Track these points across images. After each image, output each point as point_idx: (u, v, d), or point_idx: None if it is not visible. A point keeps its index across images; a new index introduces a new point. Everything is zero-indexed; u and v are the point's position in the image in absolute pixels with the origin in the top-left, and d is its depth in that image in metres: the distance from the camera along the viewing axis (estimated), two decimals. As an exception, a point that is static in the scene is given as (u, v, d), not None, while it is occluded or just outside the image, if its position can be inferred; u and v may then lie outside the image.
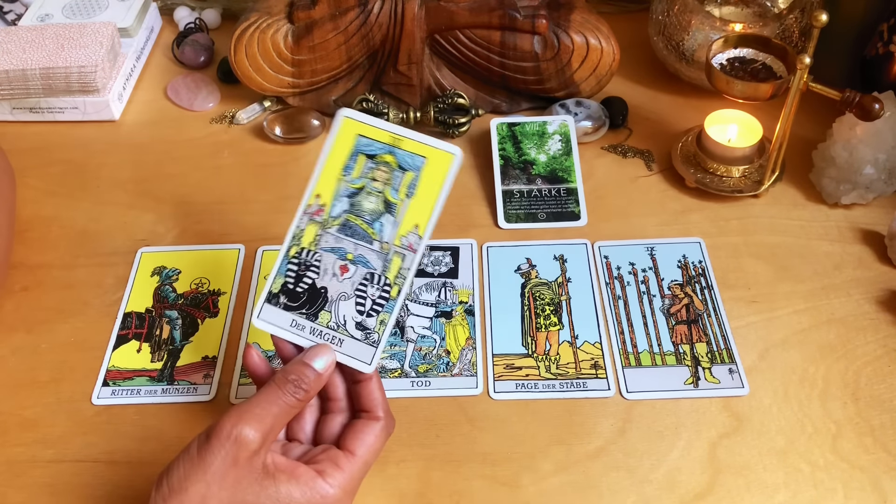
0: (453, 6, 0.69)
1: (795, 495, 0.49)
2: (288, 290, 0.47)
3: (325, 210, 0.47)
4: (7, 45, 0.74)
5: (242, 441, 0.41)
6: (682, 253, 0.63)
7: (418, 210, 0.47)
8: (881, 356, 0.56)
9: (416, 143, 0.47)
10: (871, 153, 0.63)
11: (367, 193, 0.47)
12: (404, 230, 0.47)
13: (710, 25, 0.70)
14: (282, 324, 0.47)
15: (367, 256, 0.47)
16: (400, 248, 0.46)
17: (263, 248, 0.64)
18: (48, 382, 0.56)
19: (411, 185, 0.47)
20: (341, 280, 0.47)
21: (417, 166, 0.47)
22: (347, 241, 0.47)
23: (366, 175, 0.47)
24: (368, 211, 0.47)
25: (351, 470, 0.44)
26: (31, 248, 0.65)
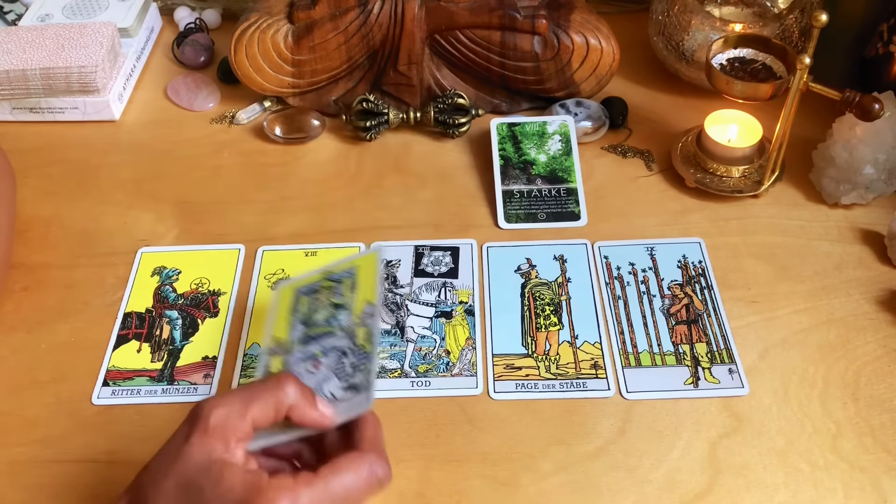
0: (453, 6, 0.69)
1: (795, 495, 0.49)
2: None
3: (285, 342, 0.50)
4: (7, 45, 0.74)
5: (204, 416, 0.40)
6: (681, 253, 0.63)
7: (364, 292, 0.51)
8: (881, 356, 0.56)
9: (342, 265, 0.53)
10: (871, 153, 0.63)
11: (315, 312, 0.51)
12: (357, 310, 0.50)
13: (710, 25, 0.70)
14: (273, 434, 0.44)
15: (334, 344, 0.49)
16: (360, 322, 0.50)
17: (263, 248, 0.64)
18: (48, 382, 0.56)
19: (352, 286, 0.52)
20: (316, 373, 0.48)
21: (351, 274, 0.52)
22: (312, 346, 0.50)
23: (311, 304, 0.52)
24: (322, 320, 0.51)
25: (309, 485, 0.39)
26: (31, 248, 0.65)
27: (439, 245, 0.64)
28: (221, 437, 0.40)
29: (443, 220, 0.66)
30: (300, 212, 0.67)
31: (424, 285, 0.61)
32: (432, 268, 0.62)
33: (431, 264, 0.62)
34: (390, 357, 0.57)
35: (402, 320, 0.59)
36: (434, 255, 0.63)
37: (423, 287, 0.61)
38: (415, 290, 0.61)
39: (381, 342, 0.57)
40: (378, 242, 0.53)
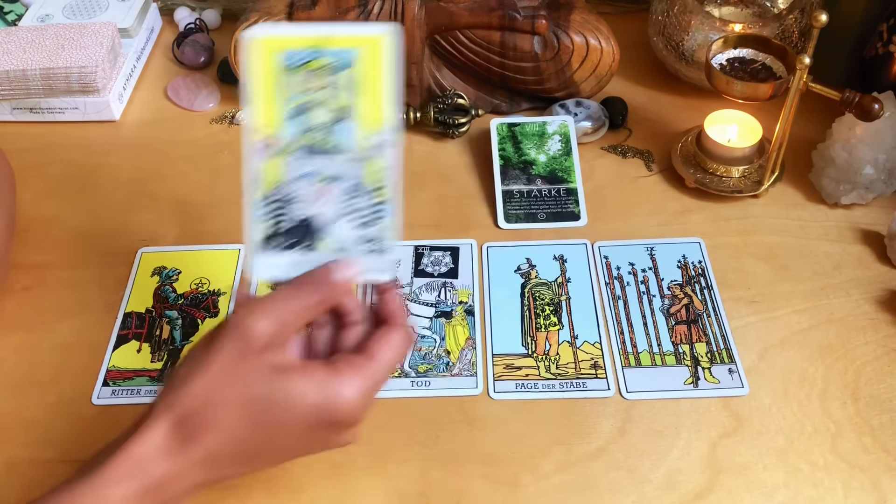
0: (453, 6, 0.69)
1: (795, 495, 0.49)
2: (273, 234, 0.44)
3: (277, 139, 0.43)
4: (7, 45, 0.74)
5: (251, 333, 0.39)
6: (681, 253, 0.63)
7: (371, 104, 0.43)
8: (881, 356, 0.56)
9: (340, 38, 0.42)
10: (870, 153, 0.63)
11: (311, 107, 0.43)
12: (367, 130, 0.43)
13: (710, 26, 0.70)
14: (284, 267, 0.44)
15: (340, 170, 0.43)
16: (371, 149, 0.43)
17: (263, 248, 0.64)
18: (48, 382, 0.56)
19: (352, 83, 0.43)
20: (325, 203, 0.44)
21: (352, 61, 0.43)
22: (315, 160, 0.43)
23: (302, 90, 0.43)
24: (322, 123, 0.43)
25: (369, 371, 0.41)
26: (32, 248, 0.65)
27: (439, 245, 0.64)
28: (276, 348, 0.40)
29: (443, 220, 0.66)
30: (300, 212, 0.67)
31: (424, 285, 0.61)
32: (432, 268, 0.62)
33: (431, 264, 0.62)
34: (390, 357, 0.57)
35: (402, 320, 0.59)
36: (434, 255, 0.63)
37: (422, 287, 0.61)
38: (415, 290, 0.61)
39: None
40: (389, 25, 0.42)
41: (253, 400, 0.39)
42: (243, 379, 0.39)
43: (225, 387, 0.39)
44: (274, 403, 0.39)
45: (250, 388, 0.39)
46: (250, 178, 0.44)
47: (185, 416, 0.39)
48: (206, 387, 0.39)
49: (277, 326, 0.40)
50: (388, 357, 0.42)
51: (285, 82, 0.43)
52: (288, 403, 0.39)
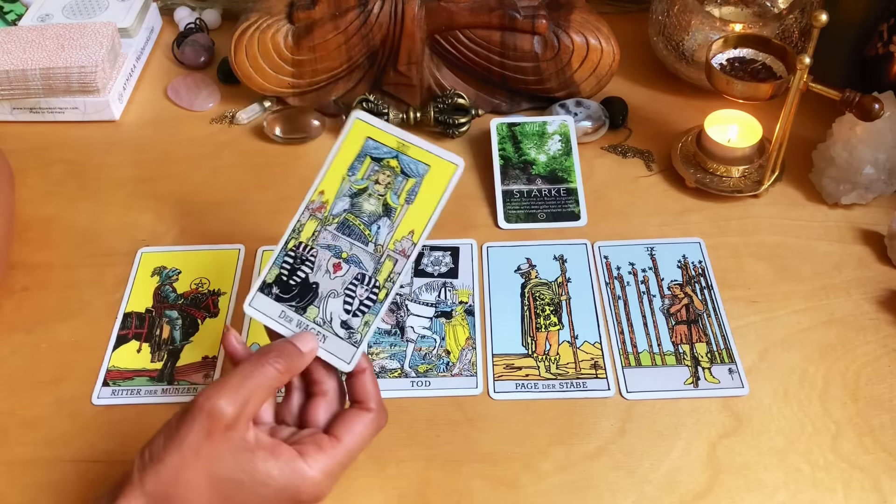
0: (453, 6, 0.69)
1: (795, 495, 0.49)
2: (281, 281, 0.48)
3: (327, 207, 0.48)
4: (7, 45, 0.74)
5: (215, 413, 0.41)
6: (681, 253, 0.63)
7: (416, 216, 0.48)
8: (881, 356, 0.56)
9: (421, 150, 0.48)
10: (871, 153, 0.63)
11: (368, 195, 0.48)
12: (399, 235, 0.48)
13: (710, 25, 0.70)
14: (271, 313, 0.48)
15: (361, 257, 0.48)
16: (393, 253, 0.47)
17: (263, 248, 0.64)
18: (48, 382, 0.56)
19: (412, 192, 0.48)
20: (333, 277, 0.48)
21: (420, 173, 0.48)
22: (344, 239, 0.48)
23: (369, 177, 0.48)
24: (367, 212, 0.48)
25: (334, 454, 0.43)
26: (32, 248, 0.65)
27: (439, 245, 0.64)
28: (242, 425, 0.42)
29: (443, 219, 0.65)
30: (300, 212, 0.67)
31: (424, 285, 0.61)
32: (432, 268, 0.62)
33: (431, 264, 0.62)
34: (390, 357, 0.57)
35: (402, 320, 0.59)
36: (434, 255, 0.63)
37: (422, 287, 0.61)
38: (415, 290, 0.61)
39: (377, 331, 0.57)
40: (460, 158, 0.47)
41: (221, 479, 0.41)
42: (211, 459, 0.41)
43: (193, 466, 0.40)
44: (241, 483, 0.41)
45: (218, 467, 0.41)
46: (292, 226, 0.49)
47: (155, 494, 0.40)
48: (175, 466, 0.40)
49: (241, 403, 0.42)
50: (355, 441, 0.44)
51: (359, 165, 0.48)
52: (255, 483, 0.41)
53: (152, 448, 0.41)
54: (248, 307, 0.48)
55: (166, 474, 0.40)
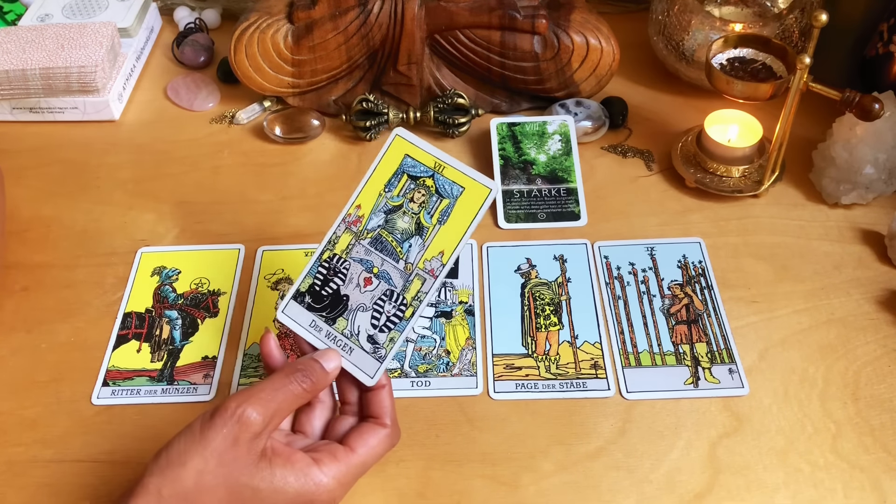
0: (453, 6, 0.69)
1: (795, 495, 0.49)
2: (314, 291, 0.50)
3: (362, 221, 0.50)
4: (7, 45, 0.74)
5: (245, 421, 0.42)
6: (682, 253, 0.63)
7: (446, 237, 0.48)
8: (881, 356, 0.56)
9: (457, 171, 0.49)
10: (871, 153, 0.63)
11: (402, 213, 0.49)
12: (430, 255, 0.48)
13: (710, 25, 0.70)
14: (302, 322, 0.49)
15: (391, 273, 0.49)
16: (422, 272, 0.48)
17: (263, 248, 0.64)
18: (48, 382, 0.56)
19: (445, 212, 0.49)
20: (363, 291, 0.49)
21: (455, 195, 0.49)
22: (376, 254, 0.49)
23: (405, 195, 0.49)
24: (401, 230, 0.49)
25: (347, 463, 0.44)
26: (31, 248, 0.65)
27: (439, 245, 0.64)
28: (266, 435, 0.43)
29: (443, 220, 0.66)
30: (300, 212, 0.67)
31: (424, 285, 0.61)
32: (432, 268, 0.62)
33: (431, 264, 0.62)
34: (390, 357, 0.57)
35: (402, 320, 0.59)
36: (434, 255, 0.63)
37: (423, 287, 0.61)
38: (415, 290, 0.61)
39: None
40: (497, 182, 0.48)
41: (240, 486, 0.41)
42: (233, 465, 0.41)
43: (215, 472, 0.41)
44: (258, 491, 0.42)
45: (238, 474, 0.41)
46: (328, 238, 0.50)
47: (172, 499, 0.40)
48: (198, 470, 0.41)
49: (270, 416, 0.43)
50: (368, 454, 0.45)
51: (396, 182, 0.50)
52: (271, 490, 0.42)
53: (171, 451, 0.41)
54: (281, 314, 0.50)
55: (187, 478, 0.40)
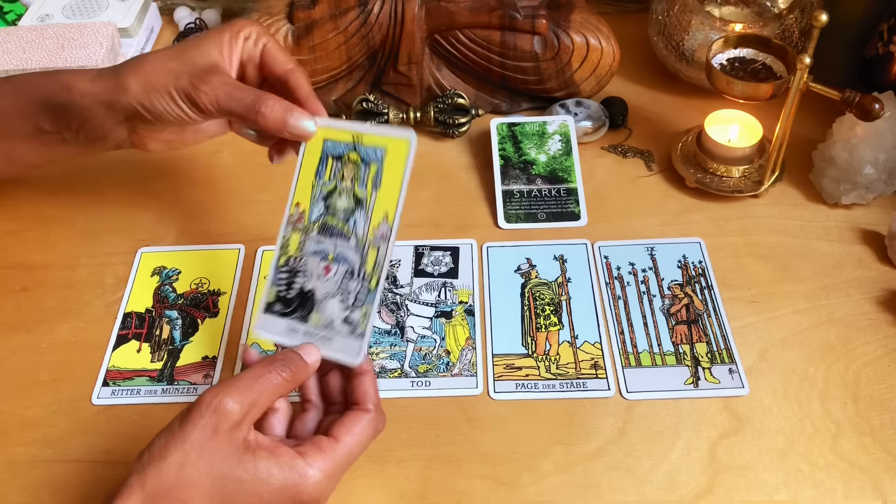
0: (453, 6, 0.69)
1: (795, 495, 0.49)
2: (281, 297, 0.50)
3: (305, 216, 0.51)
4: (7, 45, 0.74)
5: (223, 411, 0.41)
6: (682, 253, 0.63)
7: (386, 199, 0.49)
8: (881, 356, 0.56)
9: (374, 136, 0.50)
10: (871, 153, 0.63)
11: (339, 193, 0.50)
12: (375, 222, 0.49)
13: (710, 25, 0.70)
14: (278, 330, 0.50)
15: (346, 254, 0.49)
16: (374, 241, 0.49)
17: (263, 248, 0.64)
18: (48, 382, 0.56)
19: (376, 177, 0.49)
20: (326, 280, 0.49)
21: (380, 158, 0.49)
22: (327, 241, 0.50)
23: (335, 176, 0.50)
24: (342, 209, 0.50)
25: (333, 454, 0.44)
26: (31, 248, 0.65)
27: (439, 245, 0.64)
28: (246, 425, 0.42)
29: (443, 220, 0.66)
30: (300, 212, 0.67)
31: (424, 285, 0.61)
32: (432, 268, 0.62)
33: (431, 264, 0.62)
34: (390, 357, 0.57)
35: (402, 320, 0.59)
36: (434, 254, 0.63)
37: (423, 287, 0.61)
38: (415, 290, 0.61)
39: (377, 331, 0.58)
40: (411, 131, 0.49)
41: (223, 477, 0.41)
42: (214, 456, 0.41)
43: (196, 464, 0.41)
44: (242, 482, 0.41)
45: (220, 465, 0.41)
46: (279, 242, 0.51)
47: (156, 492, 0.40)
48: (178, 463, 0.41)
49: (248, 405, 0.43)
50: (354, 441, 0.45)
51: (324, 168, 0.51)
52: (256, 481, 0.41)
53: (152, 449, 0.41)
54: (256, 331, 0.50)
55: (168, 472, 0.40)
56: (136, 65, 0.52)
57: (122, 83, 0.51)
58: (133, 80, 0.51)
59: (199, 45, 0.52)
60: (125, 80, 0.51)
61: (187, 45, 0.53)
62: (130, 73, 0.51)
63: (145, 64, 0.52)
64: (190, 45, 0.52)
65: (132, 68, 0.52)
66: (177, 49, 0.52)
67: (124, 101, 0.51)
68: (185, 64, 0.51)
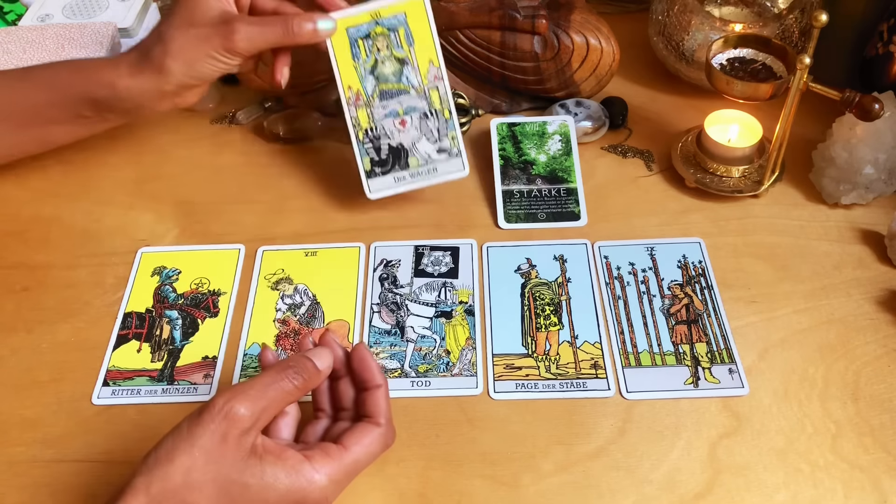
0: (453, 6, 0.69)
1: (795, 495, 0.49)
2: (376, 161, 0.61)
3: (361, 93, 0.60)
4: (7, 45, 0.74)
5: (233, 417, 0.41)
6: (681, 253, 0.63)
7: (424, 50, 0.60)
8: (881, 356, 0.56)
9: (390, 6, 0.59)
10: (870, 153, 0.63)
11: (381, 63, 0.60)
12: (423, 70, 0.60)
13: (710, 25, 0.70)
14: (389, 185, 0.62)
15: (412, 103, 0.60)
16: (430, 83, 0.60)
17: (263, 248, 0.64)
18: (48, 382, 0.56)
19: (407, 37, 0.59)
20: (406, 131, 0.60)
21: (403, 21, 0.59)
22: (391, 102, 0.60)
23: (371, 51, 0.59)
24: (391, 73, 0.60)
25: (340, 461, 0.44)
26: (32, 248, 0.65)
27: (439, 245, 0.64)
28: (255, 431, 0.43)
29: (443, 220, 0.66)
30: (300, 212, 0.67)
31: (424, 285, 0.61)
32: (432, 268, 0.62)
33: (431, 264, 0.62)
34: (390, 357, 0.57)
35: (402, 320, 0.59)
36: (434, 255, 0.63)
37: (423, 287, 0.61)
38: (415, 290, 0.61)
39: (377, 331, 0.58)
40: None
41: (228, 482, 0.41)
42: (222, 462, 0.41)
43: (203, 469, 0.41)
44: (248, 487, 0.41)
45: (228, 470, 0.41)
46: (350, 123, 0.61)
47: (161, 495, 0.40)
48: (186, 467, 0.41)
49: (259, 412, 0.43)
50: (362, 452, 0.45)
51: (357, 50, 0.59)
52: (261, 486, 0.42)
53: (158, 451, 0.41)
54: (370, 195, 0.62)
55: (175, 476, 0.40)
56: (164, 46, 0.56)
57: (163, 69, 0.57)
58: (172, 63, 0.56)
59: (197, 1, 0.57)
60: (165, 66, 0.56)
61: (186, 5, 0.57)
62: (166, 57, 0.56)
63: (172, 42, 0.56)
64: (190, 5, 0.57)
65: (164, 52, 0.56)
66: (182, 15, 0.57)
67: (173, 82, 0.57)
68: (203, 25, 0.56)
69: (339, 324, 0.59)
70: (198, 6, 0.56)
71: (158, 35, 0.57)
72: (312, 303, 0.60)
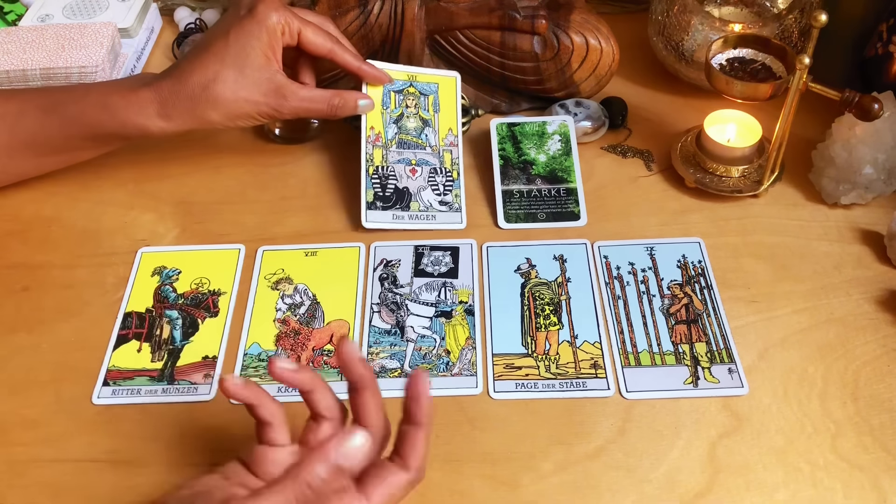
0: (453, 6, 0.69)
1: (795, 495, 0.49)
2: (380, 196, 0.64)
3: (382, 136, 0.65)
4: (7, 45, 0.74)
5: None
6: (681, 253, 0.63)
7: (446, 118, 0.67)
8: (881, 356, 0.56)
9: (426, 75, 0.68)
10: (870, 153, 0.63)
11: (406, 117, 0.66)
12: (442, 135, 0.66)
13: (710, 26, 0.70)
14: (385, 220, 0.63)
15: (426, 158, 0.66)
16: (445, 147, 0.66)
17: (263, 248, 0.64)
18: (48, 382, 0.56)
19: (435, 104, 0.67)
20: (415, 179, 0.64)
21: (434, 90, 0.68)
22: (407, 152, 0.65)
23: (400, 105, 0.66)
24: (413, 128, 0.66)
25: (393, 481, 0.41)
26: (32, 248, 0.65)
27: (439, 245, 0.64)
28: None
29: (443, 220, 0.66)
30: (300, 212, 0.67)
31: (424, 285, 0.61)
32: (432, 268, 0.62)
33: (431, 264, 0.62)
34: (390, 357, 0.57)
35: (402, 320, 0.59)
36: (434, 254, 0.63)
37: (423, 287, 0.61)
38: (415, 289, 0.61)
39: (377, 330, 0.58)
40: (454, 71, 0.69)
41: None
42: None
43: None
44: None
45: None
46: (364, 157, 0.64)
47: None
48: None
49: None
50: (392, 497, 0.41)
51: (388, 100, 0.66)
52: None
53: None
54: (366, 223, 0.63)
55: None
56: (209, 98, 0.59)
57: (203, 118, 0.60)
58: (214, 114, 0.60)
59: (248, 60, 0.59)
60: (206, 115, 0.60)
61: (239, 61, 0.59)
62: (209, 108, 0.59)
63: (218, 96, 0.59)
64: (241, 61, 0.59)
65: (208, 103, 0.59)
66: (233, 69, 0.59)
67: (207, 128, 0.61)
68: (254, 89, 0.59)
69: (339, 323, 0.59)
70: (248, 64, 0.59)
71: (204, 84, 0.59)
72: (312, 303, 0.60)
